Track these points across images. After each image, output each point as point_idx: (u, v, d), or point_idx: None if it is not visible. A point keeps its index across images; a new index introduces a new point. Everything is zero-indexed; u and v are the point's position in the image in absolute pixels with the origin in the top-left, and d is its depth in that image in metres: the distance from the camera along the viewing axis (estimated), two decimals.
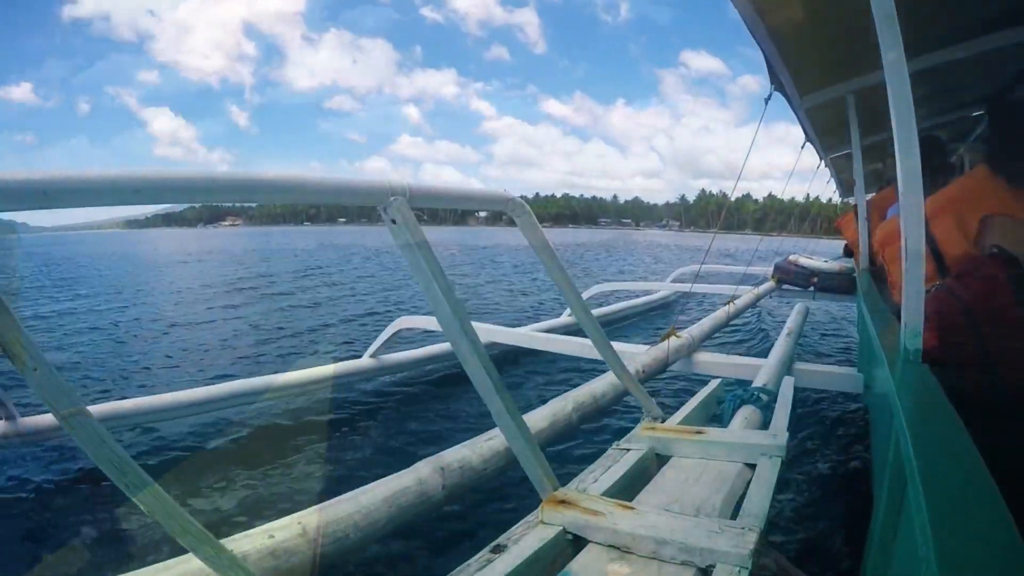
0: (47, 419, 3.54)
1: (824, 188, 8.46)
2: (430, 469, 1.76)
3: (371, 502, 1.56)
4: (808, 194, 9.40)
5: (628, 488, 1.47)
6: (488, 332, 4.66)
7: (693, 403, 2.17)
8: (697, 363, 3.53)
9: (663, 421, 1.95)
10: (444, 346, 5.65)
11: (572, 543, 1.21)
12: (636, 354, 3.16)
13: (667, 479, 1.53)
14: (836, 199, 11.18)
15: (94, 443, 0.78)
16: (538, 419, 2.22)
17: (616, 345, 1.94)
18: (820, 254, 8.53)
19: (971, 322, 1.54)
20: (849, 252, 6.51)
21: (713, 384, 2.40)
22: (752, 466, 1.55)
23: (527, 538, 1.18)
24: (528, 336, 4.62)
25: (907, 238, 1.47)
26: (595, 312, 1.81)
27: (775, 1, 2.87)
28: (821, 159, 7.14)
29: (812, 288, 7.05)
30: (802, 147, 6.18)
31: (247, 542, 1.28)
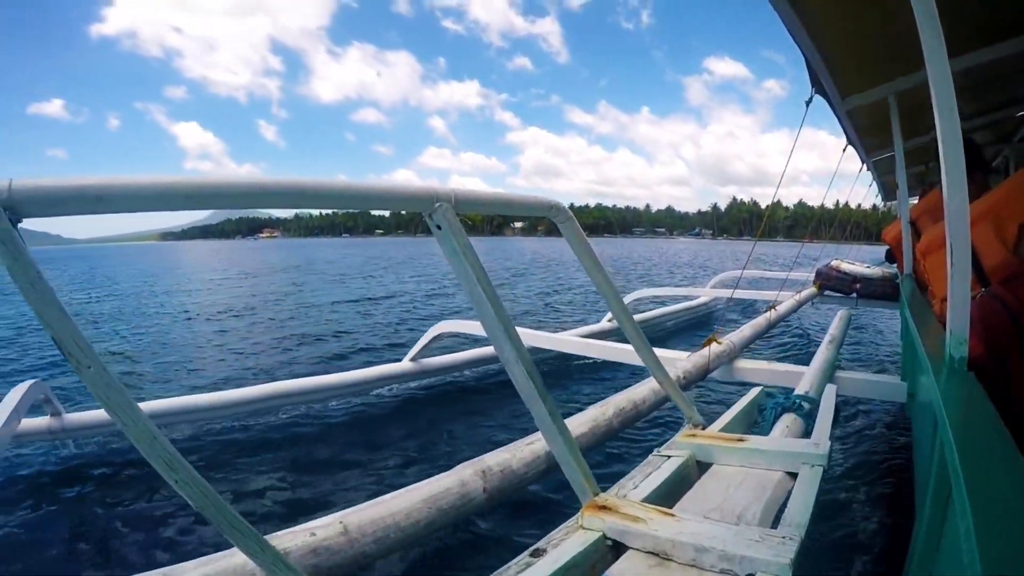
0: (91, 415, 3.67)
1: (854, 193, 8.24)
2: (471, 472, 1.77)
3: (412, 503, 1.57)
4: (838, 200, 9.18)
5: (668, 495, 1.46)
6: (530, 337, 4.66)
7: (734, 410, 2.14)
8: (738, 370, 3.48)
9: (704, 428, 1.93)
10: (483, 350, 5.68)
11: (611, 549, 1.20)
12: (677, 360, 3.13)
13: (708, 486, 1.51)
14: (868, 204, 10.90)
15: (145, 439, 0.80)
16: (579, 424, 2.21)
17: (657, 351, 1.92)
18: (862, 260, 8.35)
19: (1018, 329, 1.49)
20: (892, 257, 6.36)
21: (754, 391, 2.36)
22: (793, 475, 1.52)
23: (567, 543, 1.18)
24: (569, 341, 4.60)
25: (952, 243, 1.43)
26: (636, 318, 1.80)
27: (816, 3, 2.82)
28: (863, 162, 6.99)
29: (854, 294, 6.91)
30: (844, 150, 6.06)
31: (289, 539, 1.31)
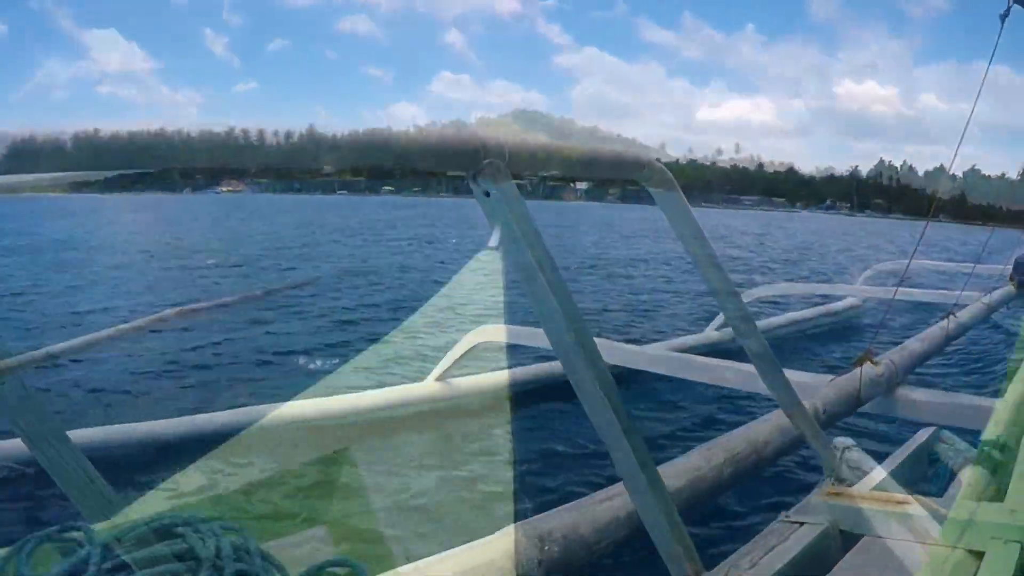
0: None
1: None
2: (525, 536, 1.77)
3: None
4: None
5: None
6: (606, 349, 4.56)
7: (895, 460, 2.10)
8: (901, 402, 3.38)
9: (851, 484, 1.90)
10: (539, 367, 5.63)
11: None
12: (815, 387, 3.07)
13: (857, 566, 1.50)
14: None
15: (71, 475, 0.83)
16: (677, 474, 2.17)
17: (787, 373, 1.89)
18: None
19: None
20: None
21: (924, 434, 2.31)
22: (979, 553, 1.49)
23: None
24: (661, 357, 4.53)
25: None
26: (759, 325, 1.78)
27: None
28: None
29: None
30: None
31: None
